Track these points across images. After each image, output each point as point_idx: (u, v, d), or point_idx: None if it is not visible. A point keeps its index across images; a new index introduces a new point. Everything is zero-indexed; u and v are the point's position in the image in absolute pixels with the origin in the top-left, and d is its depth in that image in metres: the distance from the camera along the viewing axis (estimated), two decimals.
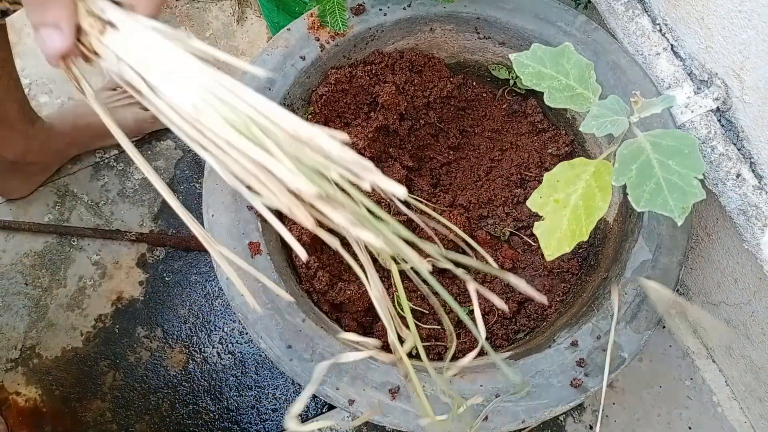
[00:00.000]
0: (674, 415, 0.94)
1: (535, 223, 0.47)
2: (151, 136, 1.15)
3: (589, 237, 0.79)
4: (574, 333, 0.67)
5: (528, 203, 0.48)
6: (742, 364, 0.90)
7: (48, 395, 1.01)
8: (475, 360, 0.69)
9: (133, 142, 1.12)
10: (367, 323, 0.77)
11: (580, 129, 0.47)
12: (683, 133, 0.44)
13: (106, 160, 1.13)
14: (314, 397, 0.94)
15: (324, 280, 0.73)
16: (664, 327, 0.98)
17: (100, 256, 1.08)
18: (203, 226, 0.69)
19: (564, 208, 0.48)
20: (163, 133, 1.15)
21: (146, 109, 1.09)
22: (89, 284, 1.07)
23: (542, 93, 0.53)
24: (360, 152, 0.81)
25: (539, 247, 0.81)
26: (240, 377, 1.02)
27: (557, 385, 0.65)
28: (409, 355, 0.75)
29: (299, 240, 0.74)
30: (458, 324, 0.77)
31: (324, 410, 0.99)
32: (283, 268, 0.70)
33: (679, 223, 0.41)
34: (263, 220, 0.70)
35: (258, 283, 0.67)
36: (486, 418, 0.63)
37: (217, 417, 1.00)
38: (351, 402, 0.63)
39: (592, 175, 0.48)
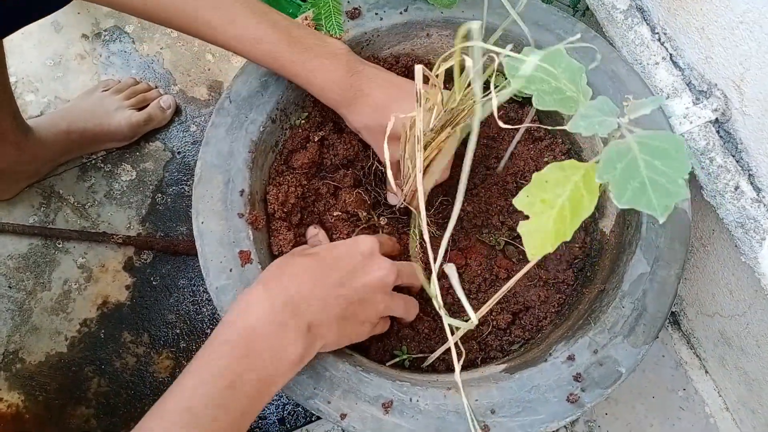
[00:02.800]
0: (667, 425, 0.94)
1: (520, 222, 0.46)
2: (141, 137, 1.13)
3: (586, 248, 0.79)
4: (571, 347, 0.66)
5: (514, 201, 0.47)
6: (736, 375, 0.89)
7: (31, 401, 0.99)
8: (469, 373, 0.69)
9: (124, 145, 1.11)
10: None
11: (566, 128, 0.46)
12: (672, 134, 0.43)
13: (93, 161, 1.11)
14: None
15: None
16: (657, 337, 0.98)
17: (86, 259, 1.06)
18: (193, 232, 0.67)
19: (551, 209, 0.47)
20: (152, 134, 1.13)
21: (140, 110, 1.08)
22: (74, 288, 1.05)
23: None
24: (353, 157, 0.79)
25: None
26: None
27: (553, 400, 0.63)
28: (401, 367, 0.74)
29: (280, 252, 0.72)
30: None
31: (314, 418, 0.97)
32: None
33: (661, 221, 0.40)
34: (254, 228, 0.68)
35: None
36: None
37: None
38: (343, 416, 0.61)
39: (581, 177, 0.47)
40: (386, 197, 0.79)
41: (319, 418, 0.96)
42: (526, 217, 0.47)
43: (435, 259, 0.55)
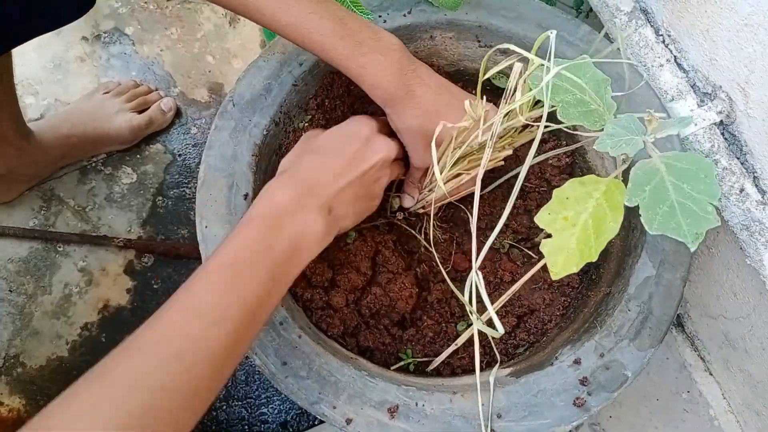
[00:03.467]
0: (671, 428, 0.93)
1: (543, 240, 0.46)
2: (141, 139, 1.12)
3: None
4: (577, 350, 0.66)
5: (536, 219, 0.47)
6: (740, 377, 0.89)
7: (32, 405, 0.99)
8: (475, 377, 0.68)
9: (125, 148, 1.11)
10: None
11: (595, 147, 0.45)
12: (700, 156, 0.42)
13: (94, 164, 1.11)
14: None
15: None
16: (663, 340, 0.98)
17: (87, 262, 1.06)
18: (196, 236, 0.67)
19: (573, 227, 0.47)
20: (153, 136, 1.13)
21: (141, 112, 1.08)
22: (75, 291, 1.04)
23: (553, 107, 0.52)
24: None
25: (539, 259, 0.80)
26: (229, 388, 1.00)
27: (560, 404, 0.63)
28: (406, 371, 0.73)
29: None
30: (456, 339, 0.76)
31: (316, 422, 0.97)
32: None
33: (692, 249, 0.40)
34: None
35: None
36: None
37: (206, 429, 0.98)
38: (348, 421, 0.61)
39: (603, 194, 0.47)
40: (402, 200, 0.79)
41: (321, 422, 0.95)
42: (549, 236, 0.46)
43: (474, 262, 0.55)
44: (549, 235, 0.46)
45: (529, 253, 0.80)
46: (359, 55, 0.64)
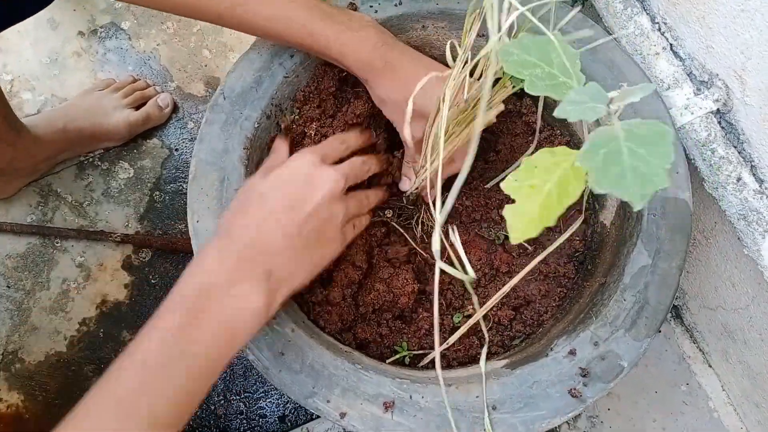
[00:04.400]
0: (670, 420, 0.93)
1: (506, 206, 0.46)
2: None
3: (587, 241, 0.78)
4: (572, 341, 0.66)
5: (501, 185, 0.46)
6: (739, 369, 0.89)
7: (31, 401, 0.99)
8: (470, 369, 0.68)
9: (122, 143, 1.11)
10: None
11: (554, 114, 0.45)
12: (660, 123, 0.42)
13: (91, 159, 1.11)
14: None
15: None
16: (659, 331, 0.97)
17: (84, 257, 1.06)
18: (189, 231, 0.66)
19: (538, 194, 0.47)
20: (150, 131, 1.13)
21: (137, 109, 1.08)
22: (73, 287, 1.04)
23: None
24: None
25: (535, 250, 0.80)
26: (227, 383, 1.00)
27: (555, 395, 0.63)
28: (401, 364, 0.73)
29: None
30: (452, 331, 0.75)
31: (314, 416, 0.97)
32: None
33: (636, 209, 0.39)
34: None
35: None
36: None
37: (204, 423, 0.98)
38: (342, 415, 0.61)
39: (571, 164, 0.47)
40: (400, 183, 0.78)
41: (319, 416, 0.95)
42: (513, 201, 0.46)
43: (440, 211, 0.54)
44: (512, 201, 0.46)
45: (525, 244, 0.80)
46: (340, 32, 0.66)
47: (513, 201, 0.45)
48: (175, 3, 0.64)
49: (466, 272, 0.49)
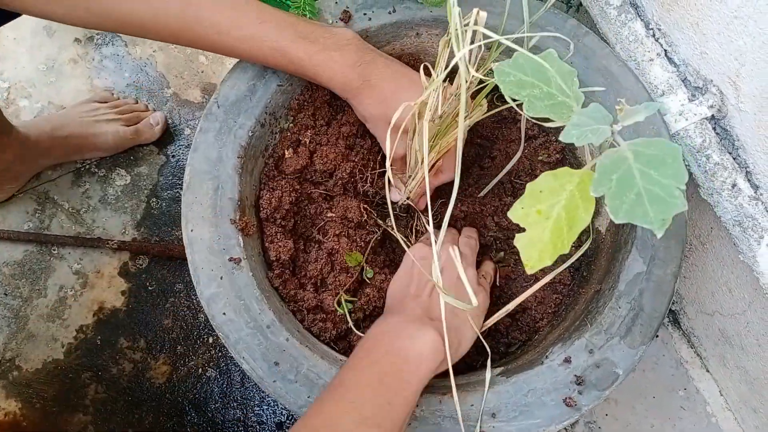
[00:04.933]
0: (668, 426, 0.93)
1: (516, 235, 0.46)
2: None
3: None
4: (567, 348, 0.65)
5: (509, 214, 0.46)
6: (737, 374, 0.88)
7: (28, 408, 0.99)
8: (465, 377, 0.68)
9: (110, 155, 1.10)
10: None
11: (560, 139, 0.44)
12: (667, 142, 0.42)
13: (87, 166, 1.11)
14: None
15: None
16: (657, 336, 0.97)
17: (82, 265, 1.06)
18: (183, 240, 0.66)
19: (546, 220, 0.46)
20: None
21: (128, 125, 1.07)
22: (70, 294, 1.04)
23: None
24: (342, 160, 0.78)
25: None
26: (225, 390, 1.00)
27: (550, 403, 0.63)
28: None
29: (277, 258, 0.71)
30: None
31: None
32: (265, 284, 0.68)
33: (659, 236, 0.39)
34: (244, 234, 0.68)
35: (240, 300, 0.64)
36: None
37: (202, 430, 0.98)
38: None
39: (576, 186, 0.46)
40: (390, 194, 0.78)
41: None
42: (522, 230, 0.46)
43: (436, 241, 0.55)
44: (523, 229, 0.46)
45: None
46: (314, 54, 0.66)
47: (519, 225, 0.45)
48: (147, 29, 0.65)
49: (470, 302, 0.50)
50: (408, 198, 0.77)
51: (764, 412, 0.85)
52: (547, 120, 0.48)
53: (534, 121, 0.80)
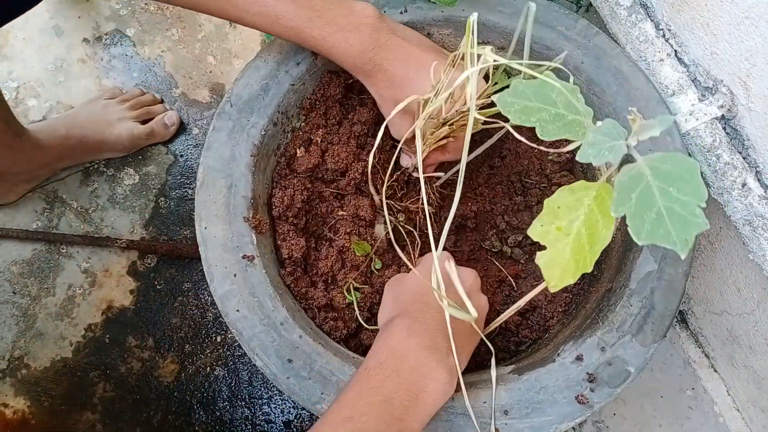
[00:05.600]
0: (676, 425, 0.93)
1: (538, 253, 0.46)
2: None
3: None
4: (579, 346, 0.66)
5: (529, 232, 0.46)
6: (745, 374, 0.89)
7: (36, 407, 0.99)
8: (477, 375, 0.68)
9: (123, 155, 1.11)
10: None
11: (577, 159, 0.44)
12: (684, 157, 0.42)
13: (96, 165, 1.11)
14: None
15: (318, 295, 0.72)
16: (665, 335, 0.97)
17: (90, 263, 1.06)
18: (196, 238, 0.67)
19: (566, 236, 0.46)
20: None
21: (144, 123, 1.08)
22: (79, 293, 1.04)
23: None
24: (354, 159, 0.78)
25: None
26: (234, 388, 1.00)
27: (562, 401, 0.63)
28: None
29: (289, 256, 0.72)
30: None
31: None
32: (278, 282, 0.68)
33: (683, 257, 0.39)
34: (257, 232, 0.68)
35: (253, 297, 0.65)
36: None
37: (210, 429, 0.98)
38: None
39: (593, 200, 0.46)
40: (399, 159, 0.79)
41: None
42: (543, 248, 0.46)
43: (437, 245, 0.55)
44: (543, 247, 0.46)
45: (532, 248, 0.80)
46: (328, 35, 0.66)
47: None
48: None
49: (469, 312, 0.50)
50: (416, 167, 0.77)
51: None
52: (565, 140, 0.48)
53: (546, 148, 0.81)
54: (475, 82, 0.55)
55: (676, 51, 0.76)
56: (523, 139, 0.54)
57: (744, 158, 0.71)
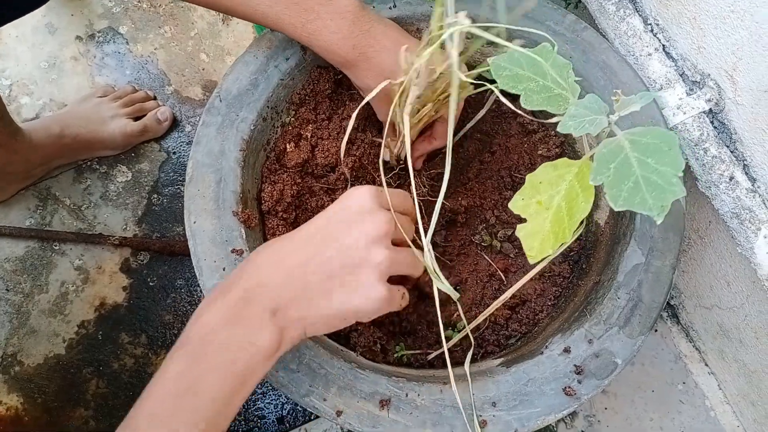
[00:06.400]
0: (667, 419, 0.93)
1: (518, 226, 0.46)
2: None
3: (581, 240, 0.78)
4: (567, 339, 0.66)
5: (510, 205, 0.47)
6: (735, 367, 0.89)
7: (30, 403, 0.99)
8: (464, 368, 0.68)
9: (118, 153, 1.11)
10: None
11: (557, 130, 0.45)
12: (664, 130, 0.42)
13: (89, 163, 1.11)
14: None
15: None
16: (655, 330, 0.97)
17: (83, 260, 1.06)
18: (185, 233, 0.67)
19: (546, 210, 0.47)
20: None
21: (136, 119, 1.08)
22: (72, 290, 1.05)
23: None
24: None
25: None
26: None
27: (550, 392, 0.63)
28: (398, 363, 0.73)
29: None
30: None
31: (312, 417, 0.97)
32: None
33: (658, 222, 0.40)
34: (247, 227, 0.68)
35: None
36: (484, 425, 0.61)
37: None
38: (339, 413, 0.61)
39: (575, 176, 0.47)
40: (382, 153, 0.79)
41: (317, 416, 0.95)
42: (523, 221, 0.47)
43: (426, 232, 0.55)
44: (524, 220, 0.46)
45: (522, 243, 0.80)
46: (307, 22, 0.65)
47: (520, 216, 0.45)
48: None
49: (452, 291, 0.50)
50: (396, 159, 0.77)
51: (762, 405, 0.86)
52: (546, 113, 0.49)
53: (530, 117, 0.82)
54: (457, 40, 0.53)
55: (664, 45, 0.76)
56: (508, 103, 0.54)
57: (731, 152, 0.72)
